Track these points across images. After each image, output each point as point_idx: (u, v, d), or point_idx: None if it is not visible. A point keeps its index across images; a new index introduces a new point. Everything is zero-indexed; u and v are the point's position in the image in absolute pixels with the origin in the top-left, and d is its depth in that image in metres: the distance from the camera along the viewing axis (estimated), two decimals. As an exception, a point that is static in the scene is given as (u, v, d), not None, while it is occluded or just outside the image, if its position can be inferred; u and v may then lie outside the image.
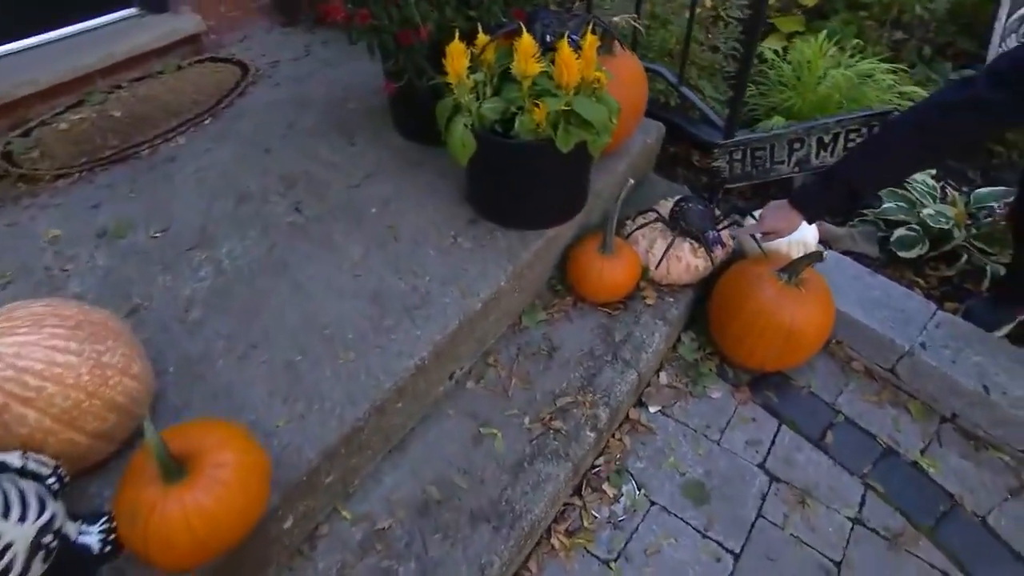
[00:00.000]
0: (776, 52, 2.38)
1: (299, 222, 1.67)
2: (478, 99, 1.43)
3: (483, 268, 1.49)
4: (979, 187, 2.04)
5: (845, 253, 1.95)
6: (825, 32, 2.23)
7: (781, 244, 1.67)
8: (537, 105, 1.31)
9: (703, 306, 1.75)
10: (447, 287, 1.46)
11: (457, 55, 1.34)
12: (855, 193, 1.33)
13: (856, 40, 2.37)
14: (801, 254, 1.68)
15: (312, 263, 1.54)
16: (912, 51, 2.56)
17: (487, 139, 1.39)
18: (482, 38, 1.40)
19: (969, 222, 1.81)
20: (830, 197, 1.39)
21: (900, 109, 2.08)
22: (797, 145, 1.74)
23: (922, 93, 2.11)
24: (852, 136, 1.72)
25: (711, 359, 1.72)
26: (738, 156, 1.76)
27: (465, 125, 1.39)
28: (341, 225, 1.65)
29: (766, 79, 2.33)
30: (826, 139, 1.73)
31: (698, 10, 2.13)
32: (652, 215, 1.73)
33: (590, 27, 1.39)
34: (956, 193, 1.89)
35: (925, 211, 1.78)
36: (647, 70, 1.93)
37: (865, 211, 2.00)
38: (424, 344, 1.34)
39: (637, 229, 1.70)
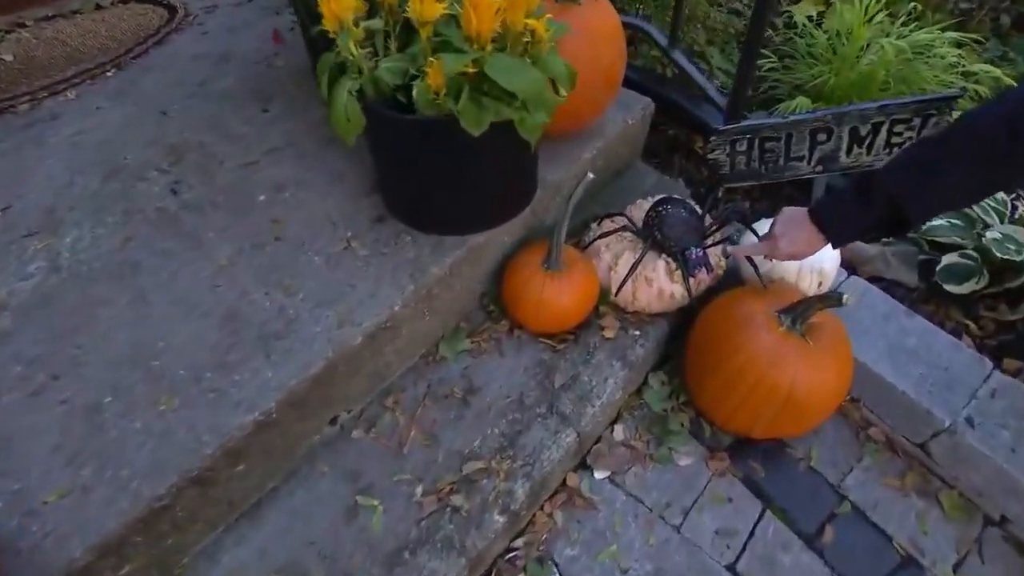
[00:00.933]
0: (809, 18, 1.90)
1: (170, 209, 1.32)
2: (377, 55, 1.04)
3: (375, 286, 1.13)
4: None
5: (872, 279, 1.52)
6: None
7: (788, 269, 1.26)
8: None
9: (681, 339, 1.36)
10: (322, 310, 1.10)
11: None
12: (902, 215, 0.89)
13: (913, 3, 1.87)
14: (814, 284, 1.27)
15: (168, 265, 1.19)
16: (984, 22, 2.05)
17: (378, 113, 1.01)
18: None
19: (1048, 251, 1.36)
20: (866, 216, 0.94)
21: (970, 95, 1.61)
22: (823, 136, 1.30)
23: (997, 75, 1.62)
24: (899, 128, 1.28)
25: (684, 411, 1.33)
26: (742, 147, 1.33)
27: (351, 92, 1.00)
28: (219, 215, 1.29)
29: (794, 49, 1.86)
30: (863, 131, 1.29)
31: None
32: (620, 220, 1.33)
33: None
34: (1033, 209, 1.43)
35: (989, 234, 1.34)
36: (627, 26, 1.50)
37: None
38: (273, 391, 0.99)
39: (600, 237, 1.30)
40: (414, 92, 0.96)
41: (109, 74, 1.86)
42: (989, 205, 1.41)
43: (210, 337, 1.06)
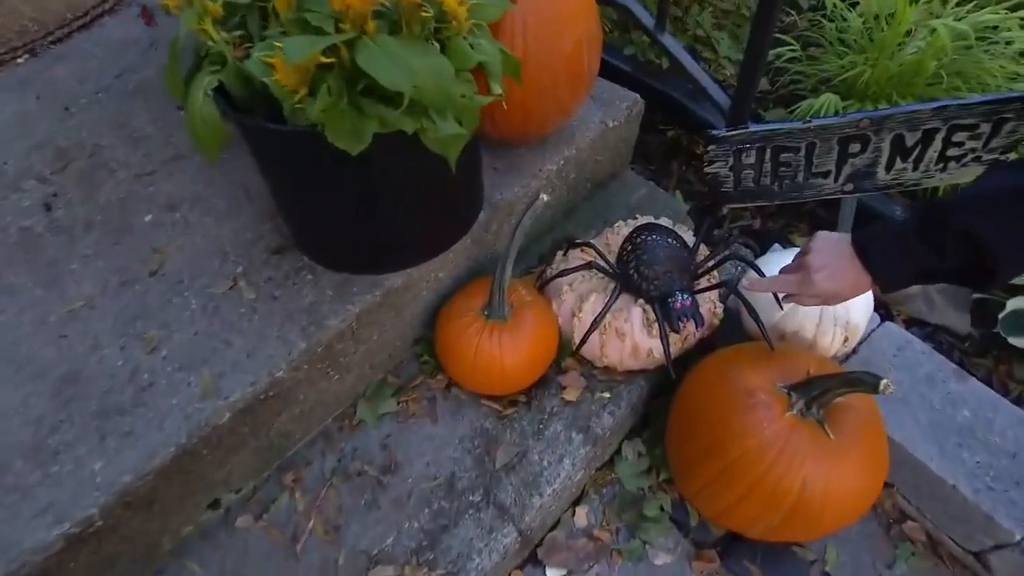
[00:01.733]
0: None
1: (35, 229, 1.08)
2: (249, 40, 0.78)
3: (256, 342, 0.87)
4: None
5: (911, 323, 1.22)
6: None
7: (805, 321, 0.97)
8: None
9: (665, 396, 1.08)
10: (185, 374, 0.84)
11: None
12: (987, 265, 0.61)
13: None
14: (838, 341, 0.98)
15: (10, 306, 0.95)
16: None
17: (238, 121, 0.74)
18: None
19: None
20: (934, 261, 0.64)
21: None
22: (855, 147, 1.00)
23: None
24: (960, 137, 0.97)
25: (665, 491, 1.06)
26: (750, 159, 1.04)
27: (207, 92, 0.74)
28: (91, 240, 1.04)
29: (821, 35, 1.54)
30: (909, 140, 0.98)
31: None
32: (586, 256, 1.05)
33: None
34: None
35: (1073, 275, 1.03)
36: (605, 3, 1.21)
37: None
38: (97, 492, 0.74)
39: (561, 275, 1.03)
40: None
41: (20, 61, 1.63)
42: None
43: (36, 409, 0.82)
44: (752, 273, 0.99)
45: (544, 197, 0.89)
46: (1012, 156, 0.99)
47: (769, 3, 0.96)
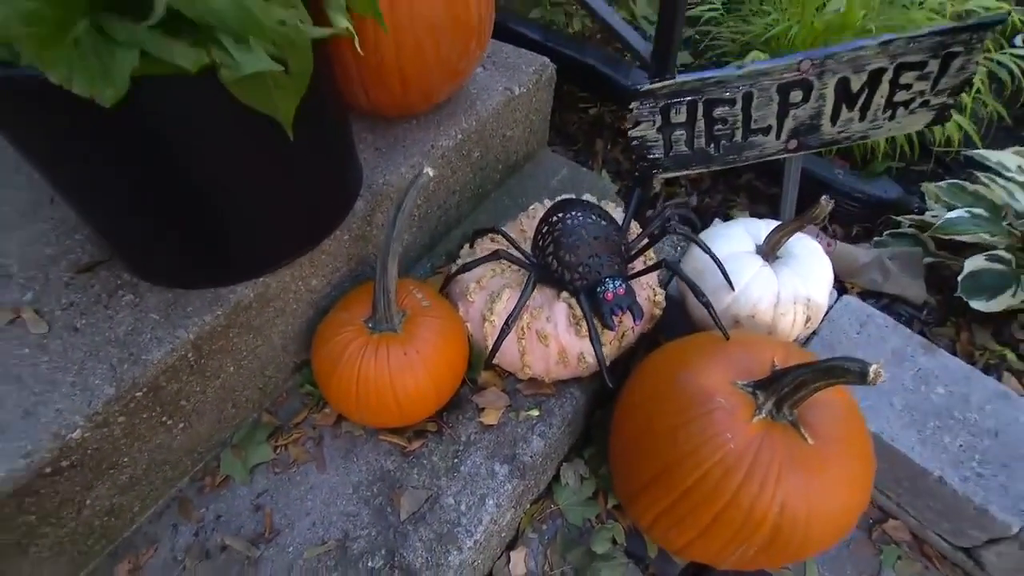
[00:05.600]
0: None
1: None
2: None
3: (44, 391, 0.62)
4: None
5: (865, 295, 1.11)
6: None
7: (760, 303, 0.82)
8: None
9: (608, 406, 0.91)
10: (-74, 451, 0.59)
11: None
12: None
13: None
14: (799, 322, 0.84)
15: None
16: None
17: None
18: None
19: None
20: None
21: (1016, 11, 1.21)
22: (797, 95, 0.87)
23: (1004, 5, 1.23)
24: (907, 79, 0.85)
25: (616, 519, 0.88)
26: (680, 117, 0.89)
27: None
28: None
29: (745, -3, 1.44)
30: (855, 84, 0.86)
31: None
32: (497, 242, 0.86)
33: None
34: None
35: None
36: None
37: (900, 218, 1.16)
38: None
39: (465, 270, 0.83)
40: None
41: None
42: (1015, 180, 1.01)
43: None
44: (696, 250, 0.84)
45: (429, 171, 0.70)
46: (961, 99, 0.89)
47: None
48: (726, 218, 1.24)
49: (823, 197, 0.75)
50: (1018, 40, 1.34)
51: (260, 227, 0.67)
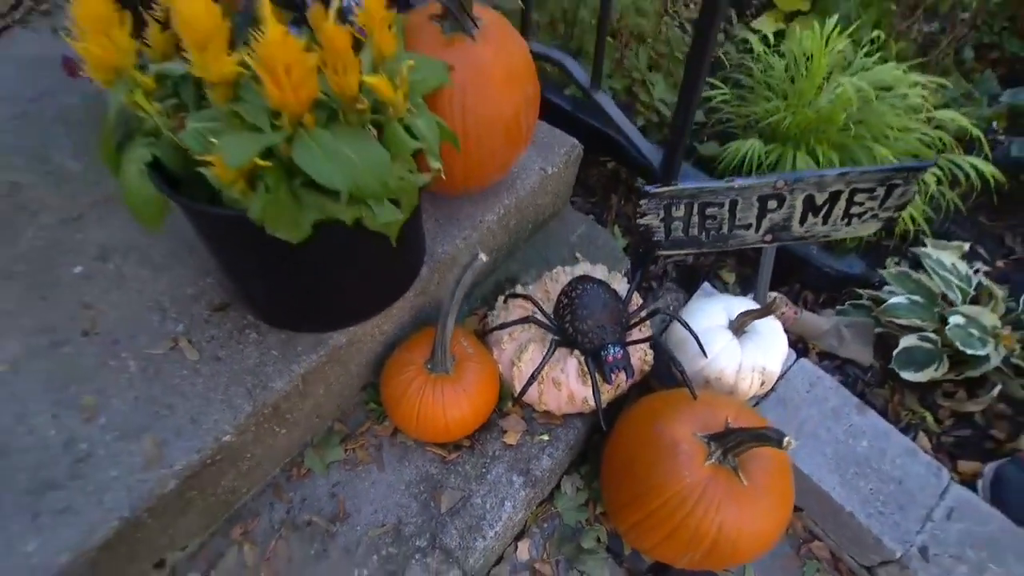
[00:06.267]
0: (766, 39, 1.68)
1: (-50, 281, 1.03)
2: (184, 108, 0.77)
3: (201, 407, 0.87)
4: (1022, 263, 1.45)
5: (823, 356, 1.34)
6: (835, 20, 1.53)
7: (726, 370, 1.06)
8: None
9: (601, 435, 1.16)
10: (126, 443, 0.84)
11: (97, 17, 0.67)
12: None
13: (876, 32, 1.68)
14: (755, 384, 1.07)
15: (-74, 369, 0.91)
16: (947, 52, 1.87)
17: (178, 201, 0.74)
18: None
19: (1015, 339, 1.20)
20: None
21: (944, 155, 1.42)
22: (773, 204, 1.09)
23: (961, 122, 1.45)
24: (860, 198, 1.08)
25: (601, 523, 1.13)
26: (679, 212, 1.11)
27: (141, 168, 0.73)
28: (13, 294, 1.00)
29: (750, 76, 1.65)
30: (819, 199, 1.08)
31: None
32: (526, 307, 1.09)
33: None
34: (995, 286, 1.26)
35: (952, 319, 1.17)
36: (542, 58, 1.25)
37: (860, 292, 1.38)
38: None
39: (501, 327, 1.07)
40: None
41: (-80, 79, 1.51)
42: (953, 279, 1.24)
43: (-40, 486, 0.80)
44: (674, 328, 1.07)
45: (483, 257, 0.93)
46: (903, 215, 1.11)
47: (687, 102, 1.03)
48: (715, 278, 1.47)
49: (776, 296, 0.98)
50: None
51: (358, 295, 0.92)
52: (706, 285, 1.35)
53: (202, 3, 0.60)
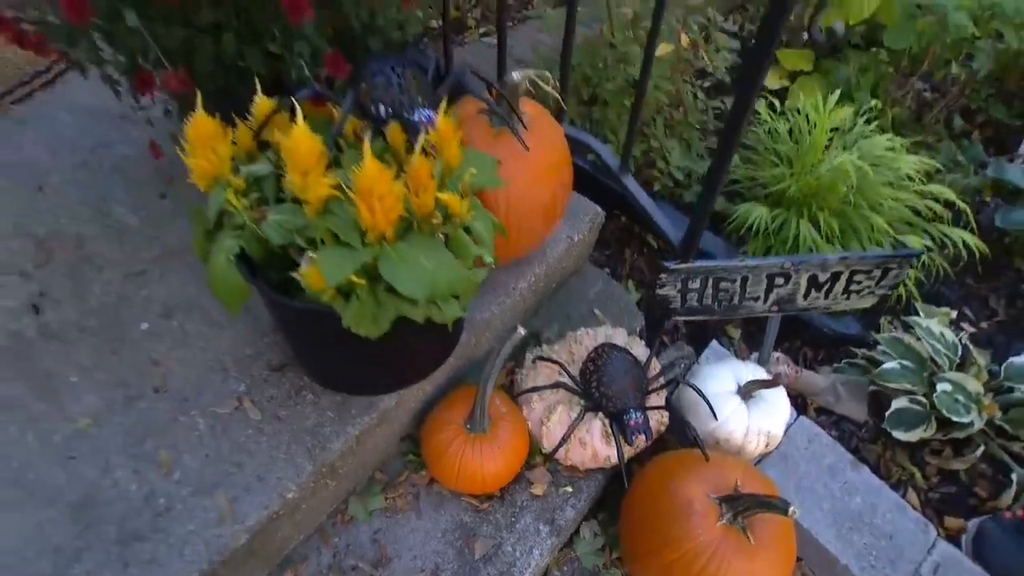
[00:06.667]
0: (771, 103, 1.80)
1: (27, 334, 1.11)
2: (264, 202, 0.87)
3: (267, 465, 0.96)
4: (1005, 324, 1.57)
5: (821, 411, 1.45)
6: (837, 94, 1.66)
7: (734, 432, 1.16)
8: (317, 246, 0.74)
9: (619, 486, 1.25)
10: (200, 499, 0.93)
11: (207, 136, 0.77)
12: None
13: (874, 102, 1.81)
14: (760, 445, 1.18)
15: (12, 422, 0.99)
16: (939, 118, 2.01)
17: (263, 291, 0.83)
18: (262, 104, 0.83)
19: (996, 407, 1.31)
20: None
21: (930, 247, 1.54)
22: (780, 280, 1.21)
23: (949, 195, 1.57)
24: (859, 278, 1.20)
25: (617, 567, 1.23)
26: (695, 285, 1.22)
27: (230, 257, 0.82)
28: (87, 348, 1.09)
29: (756, 139, 1.77)
30: (821, 278, 1.20)
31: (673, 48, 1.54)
32: (554, 371, 1.19)
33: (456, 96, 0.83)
34: (979, 353, 1.38)
35: (940, 387, 1.28)
36: (573, 140, 1.36)
37: (856, 351, 1.50)
38: (124, 622, 0.82)
39: (531, 390, 1.17)
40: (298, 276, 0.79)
41: (-21, 125, 1.59)
42: (940, 347, 1.36)
43: (53, 537, 0.88)
44: (685, 393, 1.18)
45: (521, 331, 1.03)
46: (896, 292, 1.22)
47: (710, 191, 1.15)
48: (723, 334, 1.57)
49: (781, 371, 1.08)
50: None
51: (409, 365, 1.01)
52: (714, 343, 1.46)
53: (307, 138, 0.70)
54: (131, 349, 1.10)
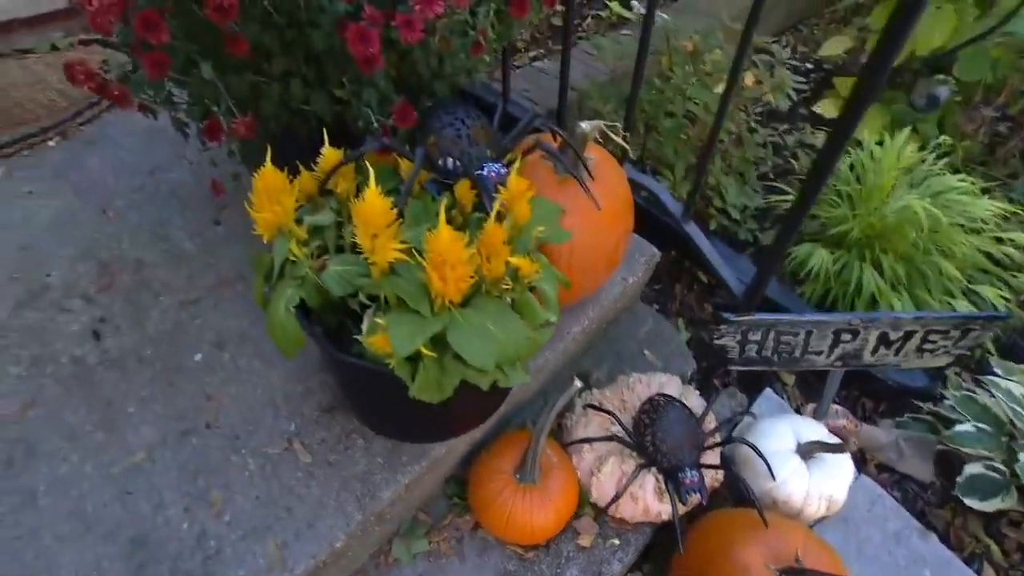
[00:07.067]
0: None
1: (88, 361, 1.14)
2: (325, 250, 0.86)
3: (316, 511, 0.95)
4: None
5: (881, 469, 1.38)
6: (906, 132, 1.58)
7: (794, 495, 1.10)
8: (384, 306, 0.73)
9: (665, 533, 1.21)
10: (250, 543, 0.92)
11: (274, 189, 0.76)
12: None
13: (943, 137, 1.71)
14: (820, 509, 1.12)
15: (72, 453, 1.01)
16: (1015, 152, 1.90)
17: (324, 346, 0.82)
18: (329, 155, 0.82)
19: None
20: None
21: (1007, 297, 1.45)
22: (847, 337, 1.14)
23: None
24: (934, 338, 1.13)
25: (665, 625, 1.18)
26: (755, 336, 1.17)
27: (288, 308, 0.82)
28: (144, 378, 1.11)
29: (817, 175, 1.69)
30: (892, 336, 1.13)
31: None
32: (607, 422, 1.16)
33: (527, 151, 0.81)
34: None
35: (1023, 457, 1.19)
36: (637, 185, 1.33)
37: (921, 404, 1.41)
38: (174, 669, 0.82)
39: (583, 441, 1.14)
40: (362, 339, 0.78)
41: (51, 143, 1.65)
42: (1021, 410, 1.27)
43: (110, 572, 0.89)
44: (739, 450, 1.13)
45: (577, 384, 1.00)
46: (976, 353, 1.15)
47: (777, 254, 1.09)
48: (777, 379, 1.51)
49: (849, 441, 1.02)
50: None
51: (464, 416, 0.99)
52: (768, 391, 1.40)
53: (378, 201, 0.68)
54: (186, 380, 1.11)
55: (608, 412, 1.14)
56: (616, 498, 1.07)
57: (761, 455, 1.09)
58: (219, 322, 1.20)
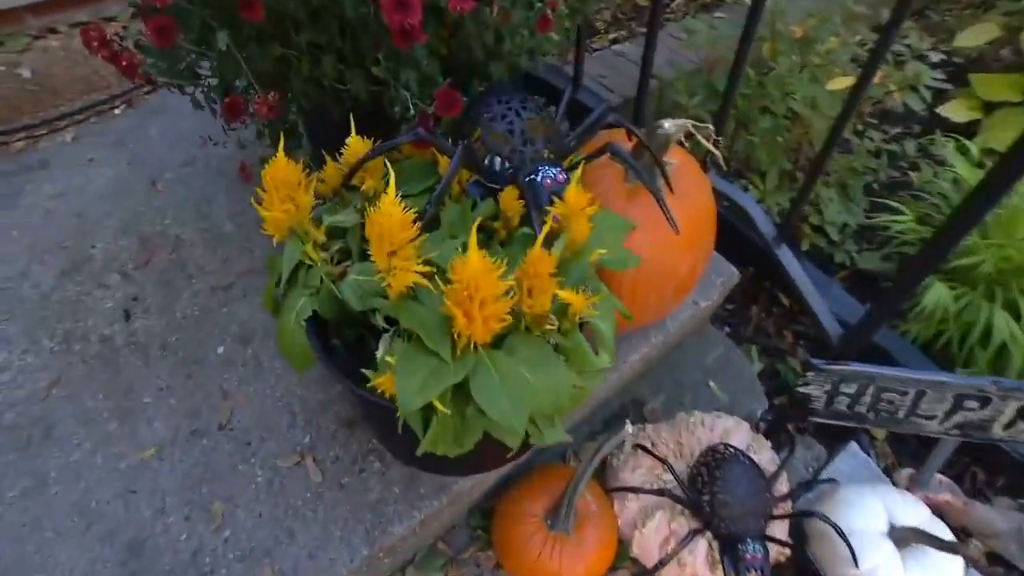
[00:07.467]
0: (961, 144, 1.45)
1: (116, 342, 1.09)
2: (347, 255, 0.75)
3: (319, 540, 0.86)
4: None
5: (993, 559, 1.14)
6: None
7: (878, 586, 0.91)
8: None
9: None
10: (248, 568, 0.84)
11: (286, 184, 0.65)
12: None
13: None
14: (915, 610, 0.92)
15: (86, 440, 0.97)
16: None
17: (335, 374, 0.71)
18: (354, 145, 0.70)
19: None
20: None
21: None
22: (974, 404, 0.92)
23: None
24: (1091, 416, 0.88)
25: None
26: (849, 389, 0.97)
27: (299, 321, 0.71)
28: (166, 367, 1.05)
29: (935, 188, 1.42)
30: (1034, 407, 0.90)
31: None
32: (655, 467, 1.00)
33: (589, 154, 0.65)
34: None
35: None
36: (723, 196, 1.13)
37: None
38: None
39: (629, 490, 0.98)
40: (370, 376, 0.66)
41: (117, 111, 1.65)
42: None
43: (101, 580, 0.84)
44: (812, 524, 0.94)
45: (629, 429, 0.85)
46: None
47: (899, 297, 0.88)
48: (864, 432, 1.29)
49: (971, 546, 0.82)
50: None
51: (491, 453, 0.86)
52: (853, 444, 1.19)
53: (396, 211, 0.55)
54: (205, 374, 1.04)
55: (660, 459, 0.98)
56: (661, 564, 0.91)
57: (843, 536, 0.90)
58: (246, 313, 1.13)
